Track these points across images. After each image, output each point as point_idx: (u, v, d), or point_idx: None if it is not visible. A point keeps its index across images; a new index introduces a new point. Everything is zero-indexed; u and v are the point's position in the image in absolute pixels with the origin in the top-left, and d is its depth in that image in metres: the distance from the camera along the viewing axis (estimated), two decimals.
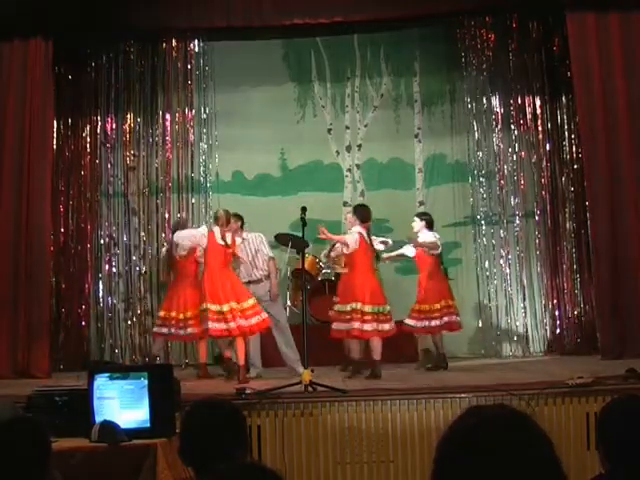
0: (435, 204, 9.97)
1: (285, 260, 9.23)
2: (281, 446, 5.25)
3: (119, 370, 5.04)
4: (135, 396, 4.36)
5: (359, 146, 10.19)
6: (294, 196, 9.69)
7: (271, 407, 5.33)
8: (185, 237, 7.35)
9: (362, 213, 7.44)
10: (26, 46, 8.59)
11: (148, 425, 4.29)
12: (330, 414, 5.34)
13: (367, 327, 6.97)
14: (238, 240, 7.35)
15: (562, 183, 9.57)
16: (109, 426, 4.20)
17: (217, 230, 7.03)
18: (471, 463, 1.35)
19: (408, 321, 7.88)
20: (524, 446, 1.37)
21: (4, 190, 8.42)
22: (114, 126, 9.98)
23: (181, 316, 7.73)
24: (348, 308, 7.03)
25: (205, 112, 10.09)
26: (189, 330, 7.71)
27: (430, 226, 8.18)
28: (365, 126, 10.21)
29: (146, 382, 4.36)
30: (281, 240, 9.10)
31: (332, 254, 8.31)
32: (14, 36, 8.53)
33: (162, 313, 7.94)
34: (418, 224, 8.19)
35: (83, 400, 4.37)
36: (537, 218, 9.56)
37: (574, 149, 9.44)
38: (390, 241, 8.13)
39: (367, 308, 6.98)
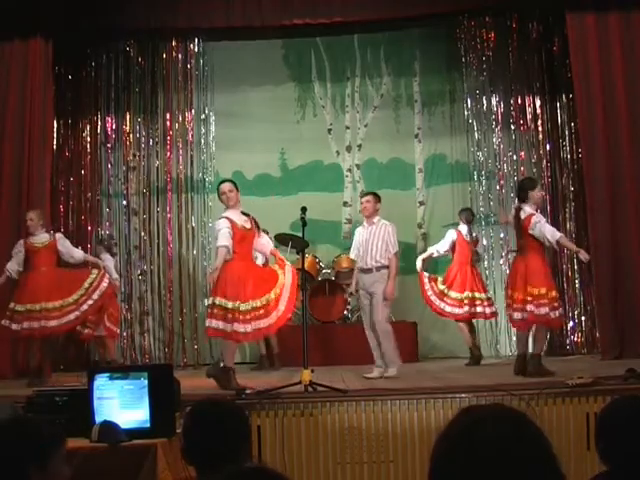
0: (435, 204, 9.99)
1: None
2: (281, 446, 5.24)
3: (119, 370, 5.03)
4: (135, 396, 4.35)
5: (359, 146, 10.19)
6: (294, 196, 9.69)
7: (271, 407, 5.33)
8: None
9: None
10: (26, 46, 8.59)
11: (148, 425, 4.28)
12: (330, 414, 5.33)
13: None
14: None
15: (562, 183, 9.58)
16: (109, 426, 4.20)
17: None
18: (467, 461, 1.35)
19: None
20: (520, 444, 1.37)
21: (4, 190, 8.42)
22: (114, 126, 9.99)
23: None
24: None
25: (205, 112, 10.10)
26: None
27: (469, 222, 8.56)
28: (365, 126, 10.22)
29: (146, 382, 4.35)
30: (281, 240, 9.09)
31: None
32: (14, 36, 8.54)
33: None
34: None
35: (83, 400, 4.36)
36: None
37: (574, 149, 9.44)
38: None
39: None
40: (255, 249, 6.70)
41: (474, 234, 8.70)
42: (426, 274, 8.45)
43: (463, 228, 8.48)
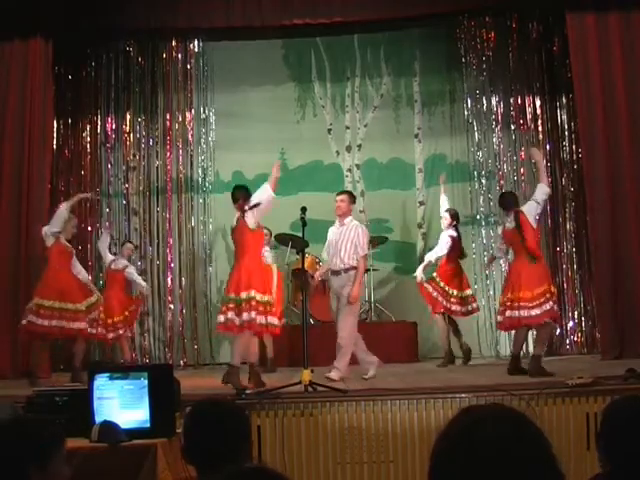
0: (435, 204, 9.96)
1: (285, 260, 9.24)
2: (281, 446, 5.24)
3: (119, 370, 5.04)
4: (135, 396, 4.35)
5: (359, 146, 10.19)
6: (294, 196, 9.68)
7: (271, 407, 5.33)
8: None
9: None
10: (26, 46, 8.60)
11: (148, 425, 4.29)
12: (330, 414, 5.33)
13: None
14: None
15: (562, 183, 9.58)
16: (109, 426, 4.20)
17: None
18: (467, 461, 1.35)
19: None
20: (520, 444, 1.37)
21: (4, 190, 8.42)
22: (114, 126, 10.00)
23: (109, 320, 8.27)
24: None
25: (205, 112, 10.10)
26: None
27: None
28: (365, 126, 10.22)
29: (146, 382, 4.35)
30: (281, 240, 9.11)
31: None
32: (14, 36, 8.55)
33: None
34: (446, 220, 8.47)
35: (83, 400, 4.36)
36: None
37: (574, 149, 9.44)
38: None
39: None
40: None
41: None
42: (424, 278, 8.40)
43: (453, 230, 8.42)
